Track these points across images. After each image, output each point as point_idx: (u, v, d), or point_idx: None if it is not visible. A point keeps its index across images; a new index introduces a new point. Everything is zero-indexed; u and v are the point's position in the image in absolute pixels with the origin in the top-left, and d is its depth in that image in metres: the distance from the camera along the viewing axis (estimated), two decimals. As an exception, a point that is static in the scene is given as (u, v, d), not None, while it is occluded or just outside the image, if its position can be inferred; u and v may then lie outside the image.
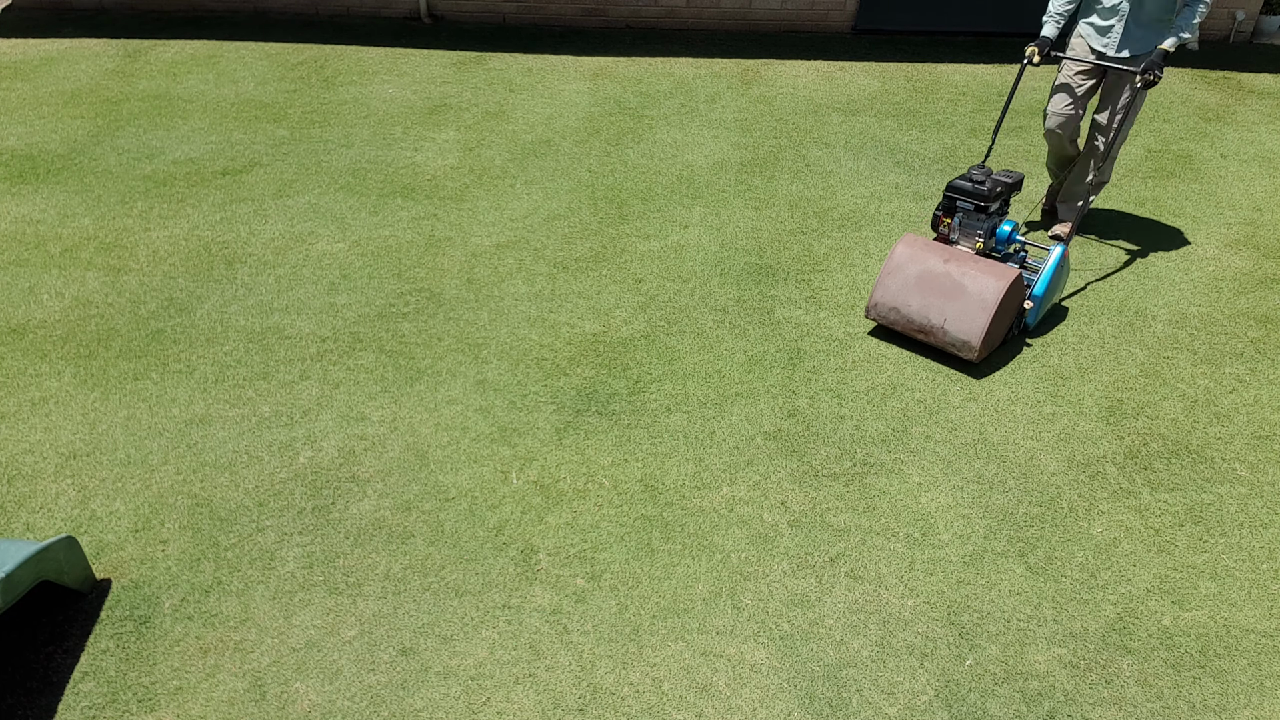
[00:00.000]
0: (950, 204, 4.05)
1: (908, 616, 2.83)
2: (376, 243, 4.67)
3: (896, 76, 6.93)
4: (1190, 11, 4.05)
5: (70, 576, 2.71)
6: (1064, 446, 3.51)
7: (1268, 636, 2.80)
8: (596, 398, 3.67)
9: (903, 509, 3.21)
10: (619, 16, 7.77)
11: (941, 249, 3.90)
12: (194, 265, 4.45)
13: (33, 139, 5.65)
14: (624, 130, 5.95)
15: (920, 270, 3.85)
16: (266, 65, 6.82)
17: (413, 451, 3.38)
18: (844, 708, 2.56)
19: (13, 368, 3.76)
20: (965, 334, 3.72)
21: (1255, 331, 4.19)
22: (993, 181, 3.96)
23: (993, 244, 4.08)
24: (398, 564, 2.94)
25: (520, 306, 4.21)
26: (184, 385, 3.69)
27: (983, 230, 4.00)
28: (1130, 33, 4.27)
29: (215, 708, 2.51)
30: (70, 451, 3.35)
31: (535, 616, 2.79)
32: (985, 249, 4.03)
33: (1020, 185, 4.08)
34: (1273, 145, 6.00)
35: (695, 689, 2.60)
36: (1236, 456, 3.49)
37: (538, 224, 4.88)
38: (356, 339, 3.97)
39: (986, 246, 4.04)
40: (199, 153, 5.53)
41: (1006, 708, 2.58)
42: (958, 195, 4.00)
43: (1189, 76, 7.05)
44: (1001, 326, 3.81)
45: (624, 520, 3.12)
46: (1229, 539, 3.14)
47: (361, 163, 5.45)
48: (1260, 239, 4.93)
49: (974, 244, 4.02)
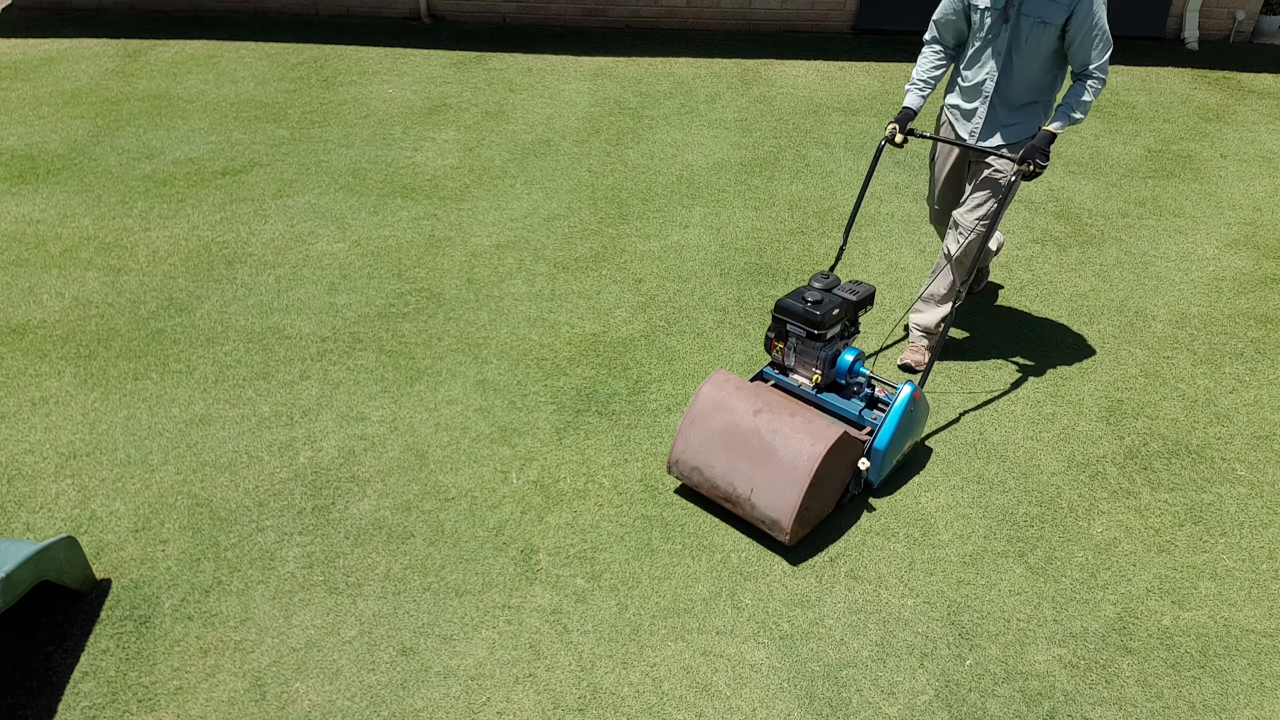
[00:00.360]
0: (780, 326, 3.20)
1: (908, 616, 2.83)
2: (376, 243, 4.67)
3: (896, 76, 6.93)
4: (1081, 88, 3.28)
5: (70, 576, 2.71)
6: (1064, 446, 3.51)
7: (1268, 636, 2.80)
8: (596, 398, 3.67)
9: (903, 509, 3.21)
10: (619, 16, 7.77)
11: (755, 395, 3.05)
12: (194, 265, 4.45)
13: (33, 139, 5.65)
14: (624, 130, 5.95)
15: (726, 423, 3.01)
16: (266, 65, 6.82)
17: (413, 451, 3.38)
18: (844, 707, 2.56)
19: (13, 368, 3.76)
20: (774, 510, 2.89)
21: (1255, 331, 4.19)
22: (831, 300, 3.11)
23: (833, 376, 3.25)
24: (398, 564, 2.94)
25: (520, 306, 4.21)
26: (184, 385, 3.69)
27: (819, 361, 3.19)
28: (996, 117, 3.47)
29: (215, 708, 2.51)
30: (70, 451, 3.35)
31: (535, 616, 2.79)
32: (824, 382, 3.23)
33: (870, 300, 3.25)
34: (1273, 145, 6.00)
35: (695, 689, 2.60)
36: (1236, 456, 3.49)
37: (538, 224, 4.88)
38: (356, 339, 3.97)
39: (825, 379, 3.22)
40: (199, 153, 5.52)
41: (1006, 708, 2.58)
42: (787, 316, 3.15)
43: (1189, 76, 7.05)
44: (825, 496, 3.00)
45: (624, 520, 3.12)
46: (1229, 539, 3.14)
47: (361, 163, 5.45)
48: (1260, 239, 4.93)
49: (812, 375, 3.23)
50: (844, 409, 3.22)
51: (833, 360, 3.22)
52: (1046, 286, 4.47)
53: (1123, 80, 6.93)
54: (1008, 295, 4.39)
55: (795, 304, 3.14)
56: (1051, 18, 3.22)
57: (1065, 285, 4.48)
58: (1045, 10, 3.22)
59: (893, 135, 3.42)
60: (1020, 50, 3.33)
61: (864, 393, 3.28)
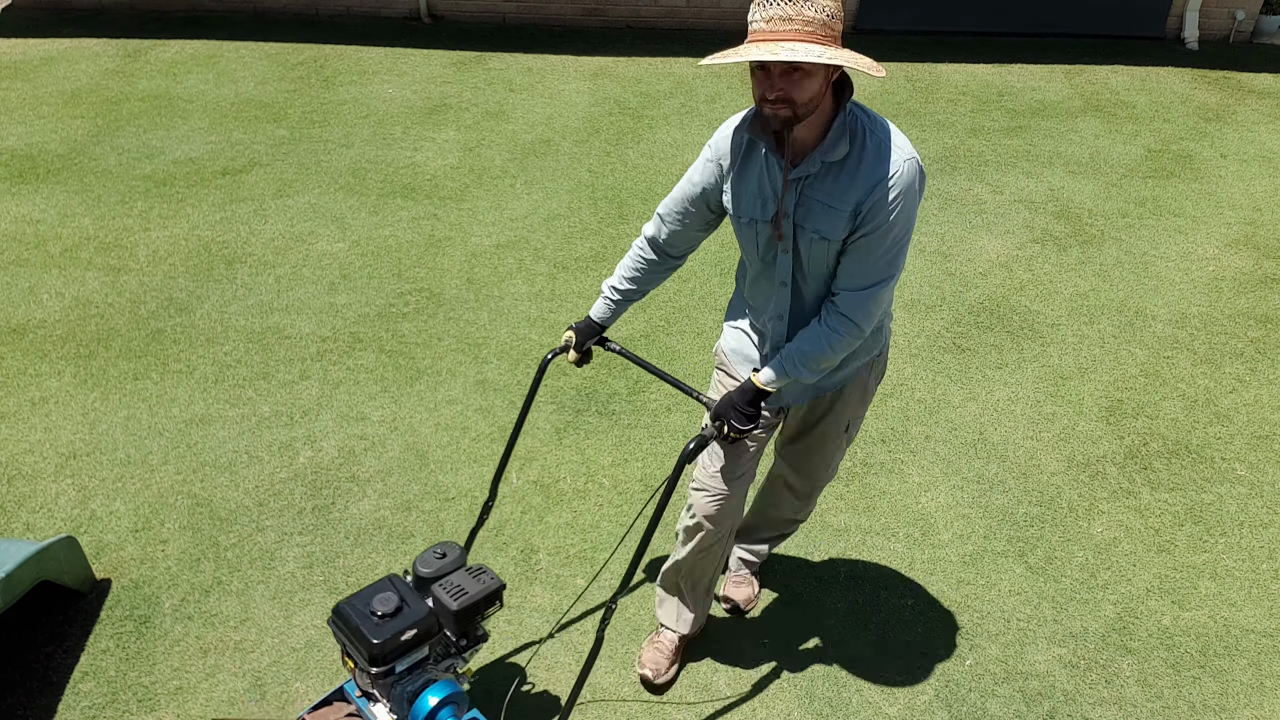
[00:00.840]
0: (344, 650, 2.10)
1: (907, 616, 2.83)
2: (376, 243, 4.67)
3: (896, 76, 6.92)
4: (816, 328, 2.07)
5: (70, 576, 2.71)
6: (1064, 446, 3.51)
7: (1267, 636, 2.80)
8: (596, 398, 3.67)
9: (902, 509, 3.21)
10: (619, 16, 7.77)
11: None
12: (194, 265, 4.45)
13: (33, 139, 5.65)
14: (624, 130, 5.94)
15: None
16: (266, 65, 6.82)
17: (413, 451, 3.38)
18: (844, 707, 2.56)
19: (13, 368, 3.76)
20: None
21: (1255, 331, 4.19)
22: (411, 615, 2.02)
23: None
24: (398, 564, 2.94)
25: (520, 306, 4.21)
26: (184, 385, 3.69)
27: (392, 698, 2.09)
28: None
29: (215, 707, 2.51)
30: (70, 451, 3.35)
31: (535, 616, 2.79)
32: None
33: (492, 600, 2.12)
34: (1273, 145, 6.00)
35: (695, 688, 2.60)
36: (1236, 456, 3.49)
37: (538, 224, 4.88)
38: (356, 339, 3.97)
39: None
40: (199, 153, 5.52)
41: (1006, 707, 2.58)
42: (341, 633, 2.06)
43: (1189, 76, 7.05)
44: None
45: (624, 520, 3.12)
46: (1229, 539, 3.14)
47: (361, 163, 5.45)
48: (1260, 239, 4.93)
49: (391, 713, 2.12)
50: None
51: (411, 699, 2.08)
52: (1046, 286, 4.47)
53: (1123, 80, 6.93)
54: (1008, 295, 4.39)
55: (353, 616, 2.01)
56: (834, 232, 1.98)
57: (1065, 285, 4.48)
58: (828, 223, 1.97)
59: (567, 346, 2.41)
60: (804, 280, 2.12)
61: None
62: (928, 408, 3.66)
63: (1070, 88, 6.80)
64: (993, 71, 7.07)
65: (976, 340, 4.07)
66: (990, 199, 5.25)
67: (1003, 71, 7.07)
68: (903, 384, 3.78)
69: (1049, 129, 6.14)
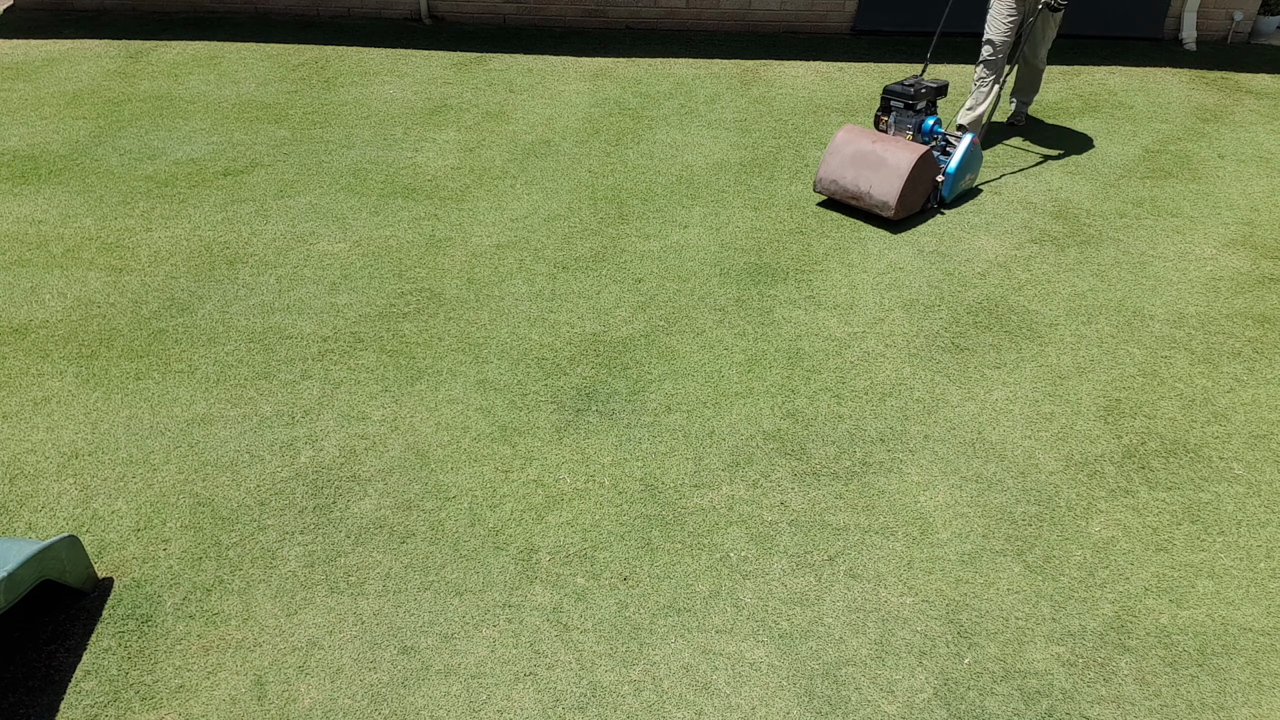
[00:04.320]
0: (886, 104, 5.11)
1: (906, 615, 2.84)
2: (377, 243, 4.68)
3: (896, 77, 6.93)
4: None
5: (72, 575, 2.72)
6: (1062, 445, 3.52)
7: (1265, 635, 2.81)
8: (596, 397, 3.68)
9: (901, 508, 3.22)
10: (619, 18, 7.79)
11: (872, 134, 4.87)
12: (195, 265, 4.47)
13: (35, 139, 5.66)
14: (624, 131, 5.96)
15: (854, 150, 4.84)
16: (268, 66, 6.83)
17: (413, 451, 3.40)
18: (843, 706, 2.58)
19: (15, 367, 3.77)
20: (885, 195, 4.71)
21: (1253, 331, 4.20)
22: (920, 86, 5.04)
23: (920, 137, 5.08)
24: (399, 563, 2.95)
25: (520, 306, 4.22)
26: (186, 385, 3.70)
27: (911, 125, 5.06)
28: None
29: (217, 706, 2.53)
30: (72, 451, 3.36)
31: (536, 615, 2.80)
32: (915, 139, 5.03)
33: (944, 90, 5.14)
34: (1270, 145, 6.01)
35: (695, 687, 2.61)
36: (1234, 455, 3.50)
37: (538, 224, 4.89)
38: (357, 339, 3.98)
39: (915, 138, 5.06)
40: (200, 153, 5.54)
41: (1005, 706, 2.59)
42: (891, 96, 5.10)
43: (1187, 77, 7.06)
44: (917, 194, 4.81)
45: (624, 519, 3.13)
46: (1227, 538, 3.15)
47: (362, 163, 5.46)
48: (1258, 239, 4.94)
49: (906, 136, 5.07)
50: None
51: (919, 126, 5.08)
52: (1044, 286, 4.48)
53: (1120, 81, 6.95)
54: (1006, 294, 4.40)
55: (897, 86, 5.11)
56: None
57: (1063, 285, 4.50)
58: None
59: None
60: None
61: (941, 144, 5.11)
62: (926, 407, 3.68)
63: (1068, 88, 6.82)
64: (992, 72, 7.07)
65: (975, 340, 4.09)
66: (989, 199, 5.26)
67: (1002, 72, 7.08)
68: (901, 383, 3.80)
69: (1047, 130, 6.16)
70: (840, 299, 4.33)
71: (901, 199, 4.69)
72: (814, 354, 3.96)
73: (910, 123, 5.08)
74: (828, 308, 4.27)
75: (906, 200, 4.74)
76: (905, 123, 5.08)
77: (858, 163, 4.82)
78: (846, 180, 4.85)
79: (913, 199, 4.80)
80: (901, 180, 4.66)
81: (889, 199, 4.70)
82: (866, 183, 4.77)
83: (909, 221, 5.01)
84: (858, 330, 4.12)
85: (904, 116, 5.09)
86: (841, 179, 4.87)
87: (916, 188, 4.77)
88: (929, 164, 4.80)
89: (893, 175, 4.69)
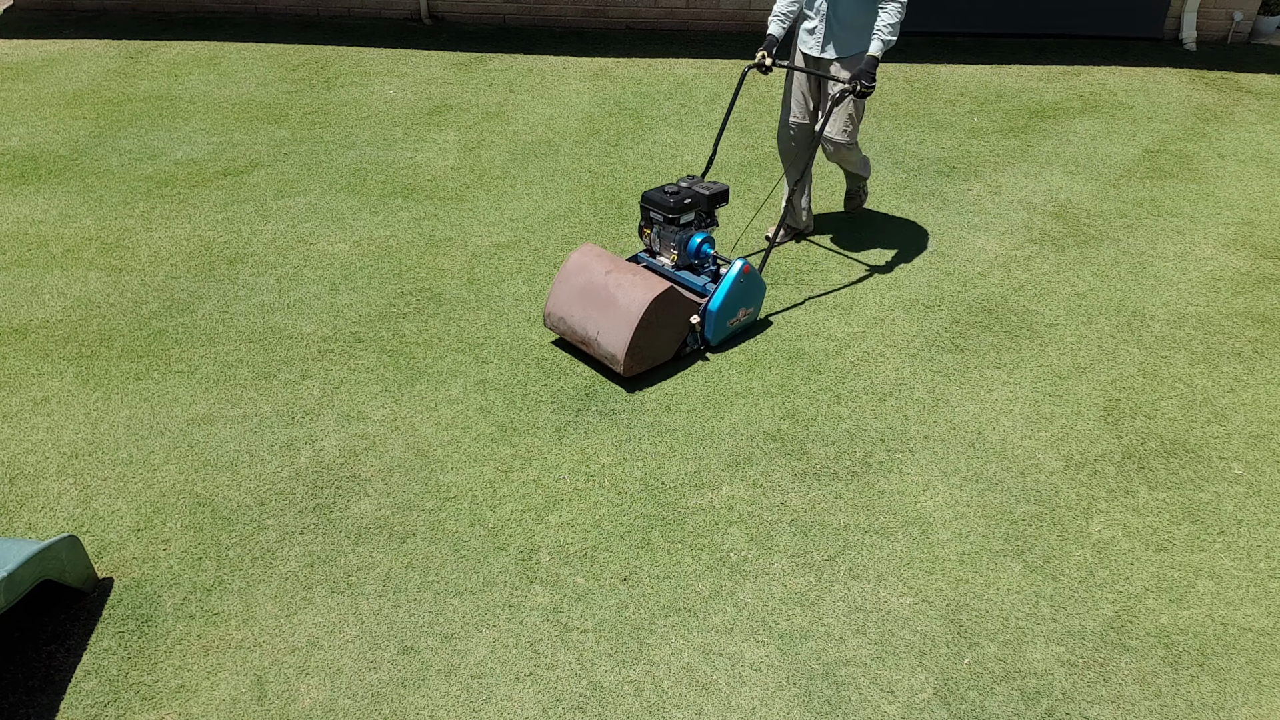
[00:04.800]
0: (645, 213, 4.04)
1: (906, 615, 2.84)
2: (377, 243, 4.68)
3: (895, 77, 6.94)
4: (884, 12, 3.89)
5: (72, 575, 2.72)
6: (1062, 445, 3.52)
7: (1265, 635, 2.81)
8: (596, 397, 3.68)
9: (901, 508, 3.22)
10: (619, 18, 7.79)
11: (609, 260, 3.77)
12: (195, 265, 4.47)
13: (35, 139, 5.66)
14: (624, 131, 5.96)
15: (585, 281, 3.75)
16: (268, 66, 6.83)
17: (413, 451, 3.40)
18: (843, 705, 2.58)
19: (15, 368, 3.77)
20: (613, 346, 3.61)
21: (1253, 331, 4.21)
22: (685, 193, 3.93)
23: (687, 257, 4.00)
24: (399, 563, 2.95)
25: (520, 306, 4.22)
26: (185, 385, 3.70)
27: (675, 242, 3.99)
28: (834, 32, 4.14)
29: (217, 706, 2.53)
30: (72, 451, 3.36)
31: (535, 615, 2.80)
32: (680, 261, 4.00)
33: (724, 197, 4.00)
34: (1270, 145, 6.02)
35: (695, 687, 2.61)
36: (1234, 455, 3.50)
37: (538, 224, 4.89)
38: (357, 339, 3.98)
39: (682, 259, 4.00)
40: (200, 153, 5.54)
41: (1005, 706, 2.59)
42: (650, 206, 4.00)
43: (1187, 77, 7.07)
44: (661, 341, 3.72)
45: (624, 519, 3.13)
46: (1227, 538, 3.15)
47: (362, 163, 5.46)
48: (1258, 239, 4.94)
49: (671, 256, 4.04)
50: (692, 282, 3.96)
51: (685, 243, 3.99)
52: (1044, 286, 4.48)
53: (1120, 81, 6.95)
54: (1006, 294, 4.40)
55: (656, 194, 3.96)
56: None
57: (1063, 285, 4.50)
58: None
59: (761, 61, 4.07)
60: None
61: (710, 269, 4.01)
62: (926, 407, 3.68)
63: (1068, 89, 6.82)
64: (991, 72, 7.09)
65: (975, 340, 4.09)
66: (989, 199, 5.26)
67: (1001, 72, 7.09)
68: (901, 383, 3.80)
69: (1047, 130, 6.16)
70: (840, 299, 4.33)
71: (633, 351, 3.58)
72: (814, 354, 3.96)
73: (674, 240, 4.00)
74: (828, 308, 4.27)
75: (642, 351, 3.64)
76: (669, 239, 4.02)
77: (587, 298, 3.71)
78: (574, 319, 3.75)
79: (654, 348, 3.70)
80: (630, 328, 3.53)
81: (617, 351, 3.59)
82: (595, 326, 3.66)
83: (908, 221, 5.01)
84: (858, 330, 4.12)
85: (668, 232, 4.00)
86: (569, 317, 3.77)
87: (658, 335, 3.67)
88: (674, 304, 3.66)
89: (622, 321, 3.57)
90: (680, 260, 4.00)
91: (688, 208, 3.92)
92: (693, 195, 3.92)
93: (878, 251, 4.72)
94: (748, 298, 3.94)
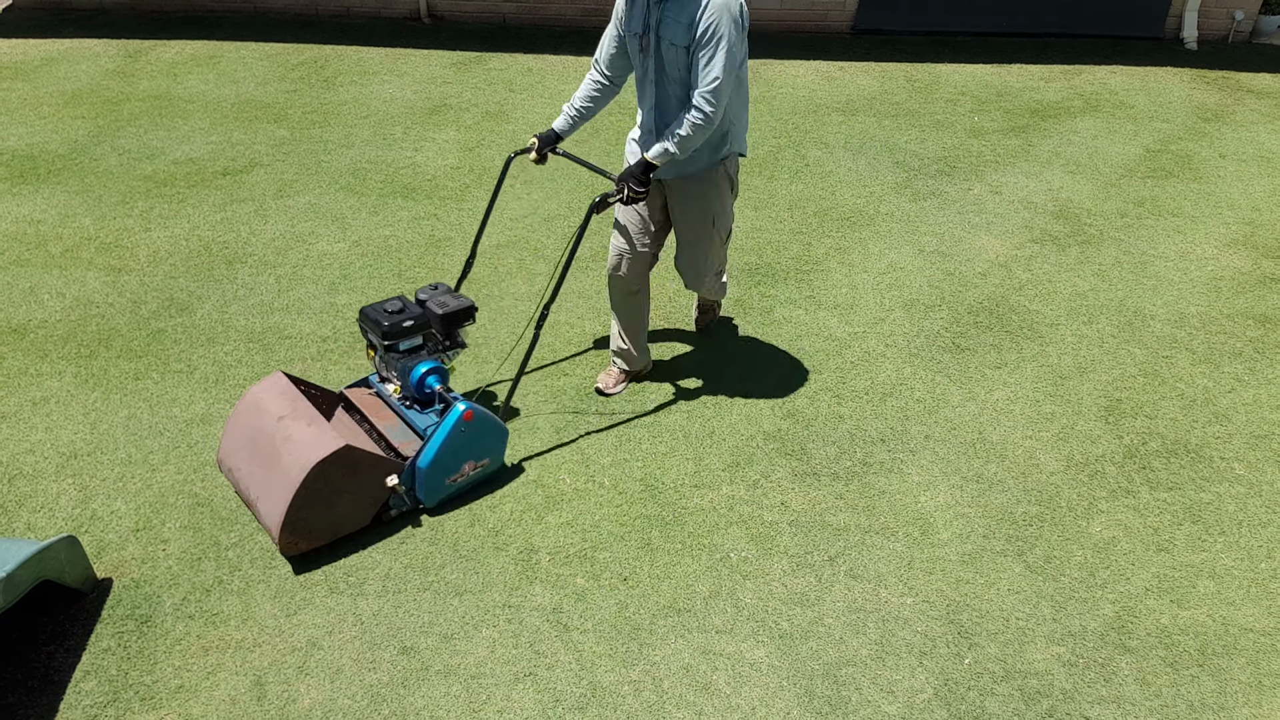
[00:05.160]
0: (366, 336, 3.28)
1: (907, 615, 2.83)
2: (377, 243, 4.68)
3: (896, 76, 6.93)
4: (682, 118, 2.98)
5: (71, 576, 2.71)
6: (1063, 446, 3.51)
7: (1266, 635, 2.81)
8: (596, 397, 3.67)
9: (902, 508, 3.21)
10: (619, 17, 7.77)
11: (291, 401, 2.96)
12: (194, 265, 4.46)
13: (33, 139, 5.66)
14: (623, 130, 5.95)
15: (256, 428, 2.94)
16: (267, 65, 6.82)
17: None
18: (843, 706, 2.57)
19: (14, 368, 3.77)
20: (269, 517, 2.82)
21: (1254, 331, 4.20)
22: (409, 313, 3.12)
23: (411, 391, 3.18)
24: (398, 563, 2.94)
25: (520, 306, 4.22)
26: (185, 385, 3.69)
27: (398, 372, 3.20)
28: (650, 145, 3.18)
29: (217, 706, 2.52)
30: (71, 451, 3.35)
31: (535, 615, 2.79)
32: (405, 394, 3.21)
33: (464, 316, 3.20)
34: (1271, 145, 6.01)
35: (695, 687, 2.60)
36: (1235, 456, 3.49)
37: (538, 224, 4.89)
38: (357, 338, 3.97)
39: (406, 391, 3.20)
40: (199, 153, 5.53)
41: (1005, 706, 2.58)
42: (365, 327, 3.20)
43: (1188, 76, 7.06)
44: (340, 509, 2.88)
45: (624, 519, 3.13)
46: (1227, 538, 3.14)
47: (362, 163, 5.46)
48: (1259, 239, 4.94)
49: (396, 386, 3.26)
50: (416, 422, 3.15)
51: (408, 373, 3.15)
52: (1045, 286, 4.48)
53: (1121, 80, 6.94)
54: (1007, 294, 4.39)
55: (373, 311, 3.16)
56: (679, 40, 2.90)
57: (1064, 285, 4.49)
58: (674, 32, 2.90)
59: (530, 148, 3.35)
60: (665, 79, 3.03)
61: (439, 406, 3.15)
62: (927, 407, 3.67)
63: (1069, 88, 6.81)
64: (992, 72, 7.08)
65: (976, 340, 4.08)
66: (989, 199, 5.26)
67: (1002, 72, 7.09)
68: (902, 383, 3.79)
69: (1048, 129, 6.15)
70: (840, 299, 4.33)
71: (293, 525, 2.77)
72: (814, 354, 3.95)
73: (395, 368, 3.22)
74: (828, 308, 4.26)
75: (309, 525, 2.83)
76: (392, 366, 3.22)
77: (254, 450, 2.93)
78: (240, 473, 2.98)
79: (331, 518, 2.88)
80: (286, 499, 2.73)
81: (272, 525, 2.81)
82: (258, 487, 2.89)
83: (909, 221, 5.00)
84: (858, 330, 4.11)
85: (389, 358, 3.19)
86: (236, 469, 3.00)
87: (335, 502, 2.85)
88: (355, 466, 2.83)
89: (280, 487, 2.77)
90: (405, 392, 3.20)
91: (407, 332, 3.11)
92: (416, 316, 3.13)
93: (878, 251, 4.71)
94: (476, 448, 3.09)
